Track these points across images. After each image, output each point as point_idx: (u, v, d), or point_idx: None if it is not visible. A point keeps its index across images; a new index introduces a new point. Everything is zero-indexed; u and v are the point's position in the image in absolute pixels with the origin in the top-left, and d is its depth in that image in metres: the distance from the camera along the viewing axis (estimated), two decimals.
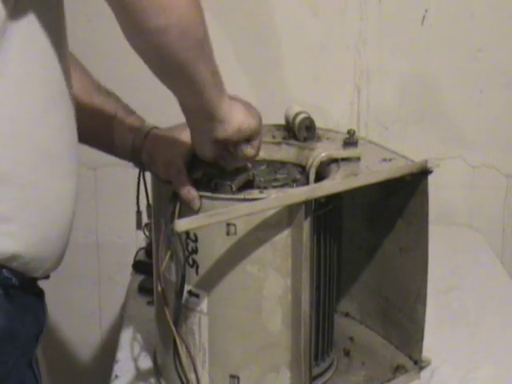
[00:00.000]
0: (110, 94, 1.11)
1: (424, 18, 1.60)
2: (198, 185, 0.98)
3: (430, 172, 1.04)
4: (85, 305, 1.76)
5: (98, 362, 1.79)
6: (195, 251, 0.97)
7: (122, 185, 1.63)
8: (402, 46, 1.62)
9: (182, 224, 0.91)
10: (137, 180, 1.13)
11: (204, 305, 0.99)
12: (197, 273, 0.97)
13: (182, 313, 0.99)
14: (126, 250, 1.57)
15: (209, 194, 0.96)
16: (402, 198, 1.08)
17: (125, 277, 1.49)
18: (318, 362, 1.07)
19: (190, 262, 0.97)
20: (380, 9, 1.59)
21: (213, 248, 0.96)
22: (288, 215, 0.96)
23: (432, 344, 1.11)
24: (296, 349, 0.99)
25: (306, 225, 0.96)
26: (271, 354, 1.00)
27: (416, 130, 1.65)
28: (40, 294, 0.99)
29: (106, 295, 1.72)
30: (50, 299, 1.76)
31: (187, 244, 0.97)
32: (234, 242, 0.95)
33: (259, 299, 0.98)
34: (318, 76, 1.63)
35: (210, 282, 0.98)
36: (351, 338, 1.17)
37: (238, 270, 0.96)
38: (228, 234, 0.94)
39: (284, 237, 0.96)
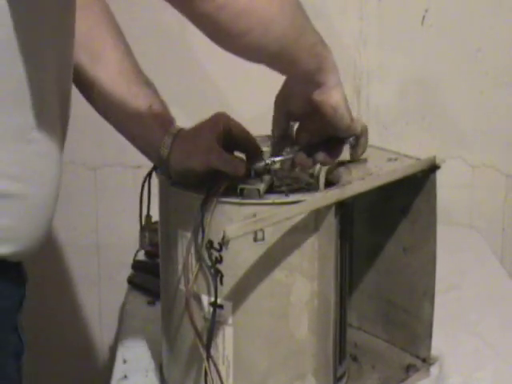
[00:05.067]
0: (149, 85, 1.08)
1: (424, 18, 1.60)
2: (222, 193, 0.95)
3: (438, 167, 1.05)
4: (85, 305, 1.77)
5: (98, 362, 1.79)
6: (219, 261, 0.94)
7: (122, 185, 1.64)
8: (402, 46, 1.62)
9: (233, 230, 0.86)
10: (140, 187, 1.10)
11: (229, 316, 0.96)
12: (221, 283, 0.95)
13: (204, 326, 0.97)
14: (126, 250, 1.57)
15: (238, 201, 0.93)
16: (404, 197, 1.08)
17: (125, 277, 1.48)
18: (340, 366, 1.05)
19: (215, 271, 0.94)
20: (380, 9, 1.59)
21: (239, 256, 0.94)
22: (315, 218, 0.94)
23: (433, 343, 1.11)
24: (323, 355, 0.98)
25: (336, 225, 0.95)
26: (298, 362, 0.98)
27: (416, 130, 1.65)
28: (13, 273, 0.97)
29: (106, 295, 1.72)
30: (50, 299, 1.77)
31: (210, 254, 0.94)
32: (261, 249, 0.93)
33: (286, 306, 0.96)
34: None
35: (235, 291, 0.95)
36: (355, 344, 1.17)
37: (265, 277, 0.94)
38: (256, 239, 0.90)
39: (311, 240, 0.95)
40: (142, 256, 1.47)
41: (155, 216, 1.08)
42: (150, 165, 1.09)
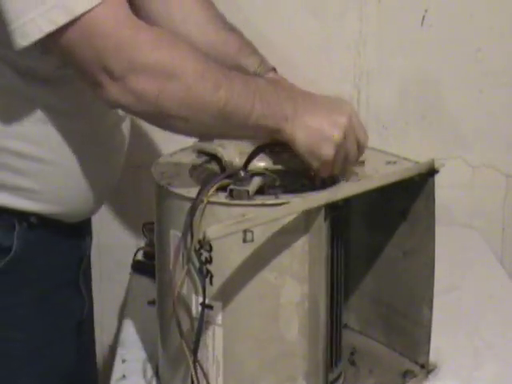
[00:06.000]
0: (233, 29, 1.19)
1: (424, 18, 1.60)
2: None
3: (437, 172, 1.05)
4: None
5: (98, 362, 1.79)
6: (209, 261, 0.95)
7: (122, 185, 1.63)
8: (402, 46, 1.62)
9: (214, 231, 0.87)
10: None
11: (219, 316, 0.96)
12: (211, 283, 0.95)
13: (194, 326, 0.97)
14: (126, 250, 1.57)
15: (227, 201, 0.94)
16: (403, 200, 1.08)
17: (125, 277, 1.49)
18: (332, 369, 1.05)
19: (204, 272, 0.95)
20: (380, 9, 1.59)
21: (229, 256, 0.94)
22: (305, 220, 0.94)
23: (433, 345, 1.11)
24: (313, 358, 0.98)
25: (326, 228, 0.95)
26: (288, 364, 0.98)
27: (416, 130, 1.65)
28: (78, 228, 1.17)
29: (106, 295, 1.72)
30: None
31: (200, 254, 0.94)
32: (250, 250, 0.93)
33: (276, 307, 0.96)
34: (317, 76, 1.62)
35: (225, 292, 0.95)
36: (354, 348, 1.17)
37: (255, 278, 0.95)
38: (245, 240, 0.91)
39: (301, 242, 0.95)
40: (141, 256, 1.47)
41: None
42: (149, 165, 1.09)
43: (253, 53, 1.17)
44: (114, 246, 1.69)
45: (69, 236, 1.15)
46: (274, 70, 1.17)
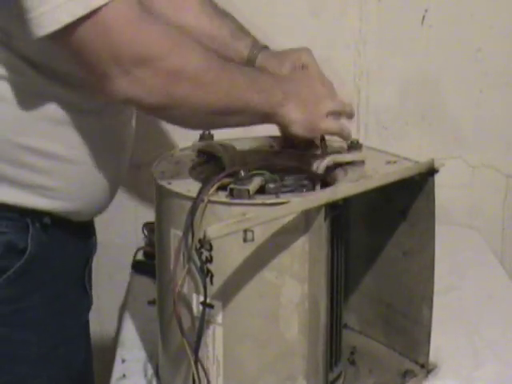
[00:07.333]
0: (225, 14, 1.25)
1: (424, 17, 1.60)
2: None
3: (437, 171, 1.05)
4: None
5: (98, 362, 1.79)
6: (210, 260, 0.95)
7: (122, 185, 1.63)
8: (402, 46, 1.62)
9: (214, 230, 0.87)
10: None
11: (219, 315, 0.97)
12: (211, 282, 0.95)
13: (194, 325, 0.97)
14: (126, 250, 1.57)
15: (227, 200, 0.94)
16: (403, 200, 1.08)
17: (124, 277, 1.48)
18: (332, 369, 1.05)
19: (205, 271, 0.95)
20: (380, 9, 1.59)
21: (229, 256, 0.94)
22: (305, 219, 0.95)
23: (433, 344, 1.11)
24: (313, 357, 0.98)
25: (326, 228, 0.95)
26: (288, 364, 0.98)
27: (416, 130, 1.65)
28: (86, 228, 1.20)
29: (106, 295, 1.72)
30: None
31: (201, 253, 0.95)
32: (251, 249, 0.93)
33: (276, 307, 0.96)
34: None
35: (225, 291, 0.96)
36: (354, 348, 1.17)
37: (255, 278, 0.95)
38: (245, 240, 0.91)
39: (302, 242, 0.95)
40: (140, 256, 1.47)
41: None
42: (150, 164, 1.09)
43: (245, 35, 1.23)
44: (113, 246, 1.69)
45: (78, 236, 1.16)
46: (266, 47, 1.24)
